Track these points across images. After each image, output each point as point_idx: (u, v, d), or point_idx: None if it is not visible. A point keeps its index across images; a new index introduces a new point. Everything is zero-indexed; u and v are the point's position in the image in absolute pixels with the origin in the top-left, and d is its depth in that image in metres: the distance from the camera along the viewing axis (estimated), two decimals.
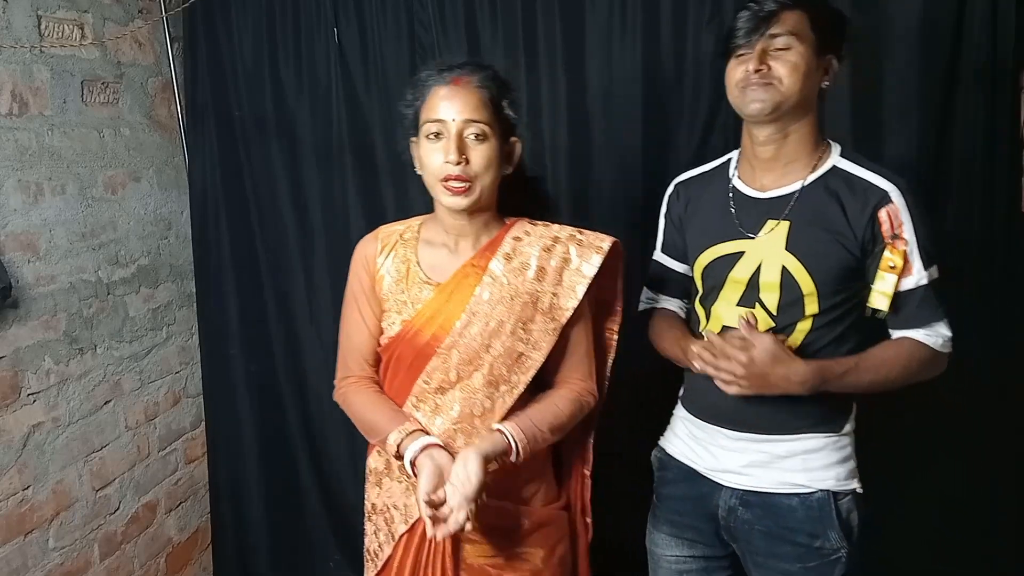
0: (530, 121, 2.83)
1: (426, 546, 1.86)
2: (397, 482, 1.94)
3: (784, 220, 1.80)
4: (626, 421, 2.33)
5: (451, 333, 1.84)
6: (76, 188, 2.69)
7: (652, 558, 2.10)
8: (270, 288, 3.23)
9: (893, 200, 1.74)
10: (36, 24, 2.53)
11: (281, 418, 3.31)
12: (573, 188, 2.83)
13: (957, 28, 2.44)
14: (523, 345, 1.85)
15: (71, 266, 2.67)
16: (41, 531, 2.58)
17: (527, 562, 1.91)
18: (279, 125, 3.11)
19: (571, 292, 1.86)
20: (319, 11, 2.98)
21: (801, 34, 1.73)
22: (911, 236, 1.73)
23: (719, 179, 1.98)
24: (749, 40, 1.75)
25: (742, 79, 1.77)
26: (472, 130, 1.78)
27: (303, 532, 3.36)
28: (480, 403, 1.84)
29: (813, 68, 1.75)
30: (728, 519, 1.91)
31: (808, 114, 1.81)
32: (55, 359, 2.62)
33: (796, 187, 1.82)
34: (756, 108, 1.76)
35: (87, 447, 2.76)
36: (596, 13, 2.72)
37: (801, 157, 1.83)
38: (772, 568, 1.87)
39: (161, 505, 3.14)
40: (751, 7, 1.76)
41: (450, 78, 1.81)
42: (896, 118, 2.52)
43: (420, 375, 1.86)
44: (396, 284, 1.91)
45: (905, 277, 1.74)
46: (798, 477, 1.83)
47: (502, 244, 1.88)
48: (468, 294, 1.85)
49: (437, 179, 1.80)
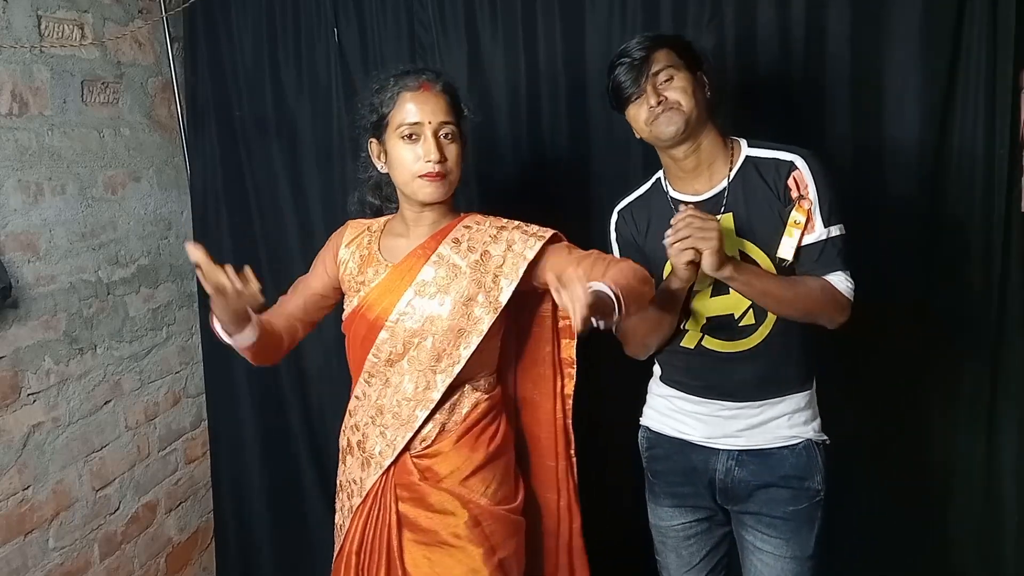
0: (530, 122, 2.84)
1: (374, 518, 2.06)
2: (354, 458, 2.13)
3: (726, 212, 2.03)
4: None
5: (397, 307, 2.01)
6: (76, 188, 2.69)
7: (658, 532, 2.29)
8: (271, 288, 3.14)
9: (798, 167, 1.98)
10: (36, 24, 2.53)
11: (283, 417, 3.31)
12: (573, 189, 2.82)
13: (957, 29, 2.44)
14: (465, 321, 2.00)
15: (71, 266, 2.68)
16: (41, 531, 2.58)
17: (462, 558, 2.00)
18: (279, 125, 3.11)
19: (512, 272, 2.00)
20: (319, 11, 2.98)
21: (675, 64, 2.00)
22: (814, 197, 1.96)
23: (656, 196, 2.18)
24: (638, 85, 1.99)
25: (648, 116, 2.00)
26: (445, 130, 1.99)
27: (305, 531, 3.35)
28: (424, 374, 2.01)
29: (695, 85, 2.00)
30: (726, 479, 2.12)
31: (708, 122, 2.05)
32: (55, 359, 2.62)
33: (724, 182, 2.05)
34: (671, 131, 1.98)
35: (87, 447, 2.76)
36: (596, 13, 2.72)
37: (717, 157, 2.07)
38: (766, 513, 2.10)
39: (161, 505, 3.14)
40: (624, 61, 2.01)
41: (418, 83, 2.00)
42: (896, 118, 2.53)
43: (371, 349, 2.04)
44: (357, 267, 2.11)
45: (809, 233, 1.96)
46: (786, 432, 2.08)
47: (453, 231, 2.06)
48: (416, 273, 2.03)
49: (415, 175, 1.98)
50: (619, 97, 2.04)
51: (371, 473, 2.07)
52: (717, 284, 2.02)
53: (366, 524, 2.07)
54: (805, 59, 2.57)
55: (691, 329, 2.10)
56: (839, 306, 1.97)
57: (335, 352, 2.31)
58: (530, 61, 2.80)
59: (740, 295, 1.99)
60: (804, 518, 2.08)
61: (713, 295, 2.05)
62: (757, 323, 2.03)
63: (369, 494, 2.07)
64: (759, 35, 2.59)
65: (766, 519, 2.10)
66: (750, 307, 2.02)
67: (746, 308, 2.02)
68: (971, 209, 2.50)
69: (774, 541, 2.10)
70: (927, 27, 2.45)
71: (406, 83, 2.00)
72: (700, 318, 2.08)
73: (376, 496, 2.07)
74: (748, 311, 2.02)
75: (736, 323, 2.04)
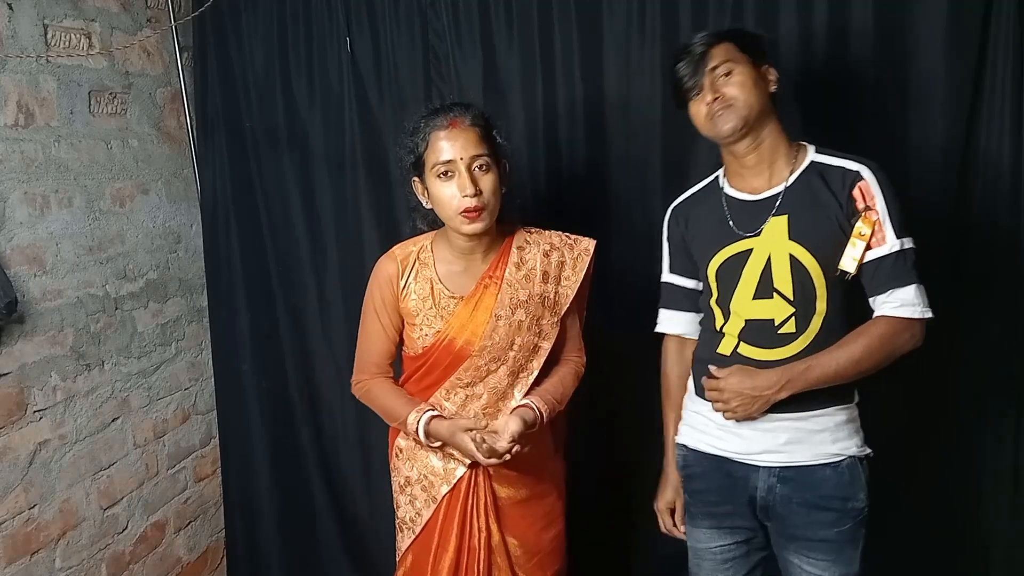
0: (546, 132, 2.81)
1: (471, 495, 2.24)
2: (430, 453, 2.27)
3: (781, 215, 2.02)
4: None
5: (482, 337, 2.17)
6: (83, 200, 2.66)
7: (695, 554, 2.26)
8: (282, 302, 3.20)
9: (865, 177, 1.97)
10: (43, 33, 2.50)
11: (294, 433, 3.28)
12: (590, 199, 2.79)
13: (983, 35, 2.41)
14: (537, 338, 2.23)
15: (78, 280, 2.64)
16: (47, 551, 2.55)
17: (545, 501, 2.34)
18: (291, 136, 3.08)
19: (567, 290, 2.25)
20: (331, 19, 2.95)
21: (735, 58, 2.00)
22: (882, 208, 1.94)
23: (711, 194, 2.19)
24: (696, 81, 2.01)
25: (706, 112, 2.01)
26: (478, 163, 2.08)
27: (316, 548, 3.33)
28: (503, 390, 2.22)
29: (756, 79, 2.00)
30: (767, 497, 2.07)
31: (771, 118, 2.04)
32: (62, 375, 2.58)
33: (783, 185, 2.04)
34: (728, 128, 1.99)
35: (94, 465, 2.73)
36: (614, 21, 2.69)
37: (780, 156, 2.06)
38: (810, 537, 2.05)
39: (170, 524, 3.10)
40: (683, 56, 2.03)
41: (448, 121, 2.09)
42: (920, 126, 2.50)
43: (454, 373, 2.21)
44: (423, 301, 2.21)
45: (877, 245, 1.94)
46: (829, 448, 2.03)
47: (510, 255, 2.22)
48: (491, 302, 2.18)
49: (456, 212, 2.07)
50: (679, 94, 2.06)
51: (459, 463, 2.24)
52: (761, 286, 2.02)
53: (465, 503, 2.25)
54: (827, 65, 2.54)
55: (728, 333, 2.08)
56: (910, 333, 1.96)
57: (346, 369, 2.33)
58: (547, 70, 2.77)
59: (784, 301, 2.00)
60: (848, 538, 2.05)
61: (756, 297, 2.03)
62: (798, 332, 2.00)
63: (462, 479, 2.24)
64: (781, 41, 2.55)
65: (809, 543, 2.07)
66: (792, 315, 2.00)
67: (788, 316, 2.00)
68: (997, 218, 2.47)
69: (820, 563, 2.06)
70: (952, 34, 2.42)
71: (436, 123, 2.10)
72: (739, 320, 2.06)
73: (469, 481, 2.24)
74: (790, 319, 2.00)
75: (775, 329, 2.01)
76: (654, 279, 2.32)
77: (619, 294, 2.70)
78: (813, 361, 1.96)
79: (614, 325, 2.63)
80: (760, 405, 1.98)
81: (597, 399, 2.65)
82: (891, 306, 1.95)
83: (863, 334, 1.96)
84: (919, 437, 2.62)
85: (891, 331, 1.95)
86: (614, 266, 2.69)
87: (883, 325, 1.96)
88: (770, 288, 2.00)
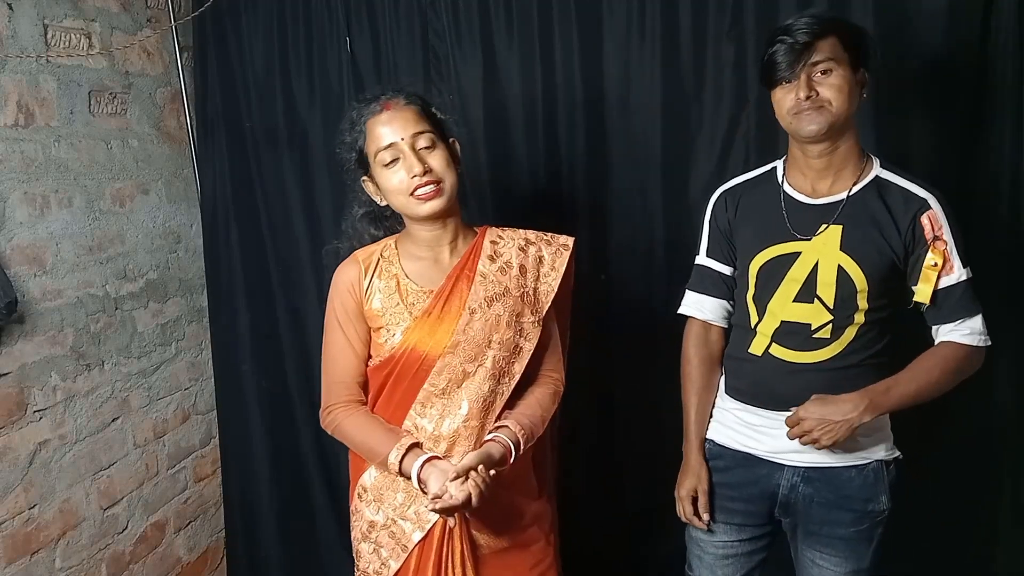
0: (546, 132, 2.81)
1: (446, 543, 1.97)
2: (402, 492, 2.03)
3: (836, 224, 1.99)
4: None
5: (455, 332, 1.97)
6: (83, 201, 2.65)
7: (696, 544, 2.26)
8: (282, 302, 3.20)
9: (932, 207, 1.95)
10: (42, 33, 2.49)
11: (294, 433, 3.27)
12: (591, 199, 2.79)
13: (984, 32, 2.42)
14: (518, 337, 2.03)
15: (78, 280, 2.63)
16: (47, 551, 2.54)
17: (530, 551, 2.10)
18: (291, 136, 3.07)
19: (547, 287, 2.07)
20: (331, 20, 2.94)
21: (838, 57, 1.91)
22: (950, 238, 1.93)
23: (766, 185, 2.14)
24: (793, 71, 1.91)
25: (793, 106, 1.93)
26: (422, 141, 1.95)
27: (316, 548, 3.32)
28: (485, 396, 1.98)
29: (853, 85, 1.93)
30: (790, 495, 2.09)
31: (852, 126, 1.99)
32: (62, 375, 2.58)
33: (844, 194, 2.01)
34: (812, 130, 1.92)
35: (94, 465, 2.72)
36: (614, 22, 2.68)
37: (848, 166, 2.01)
38: (826, 534, 2.08)
39: (170, 524, 3.10)
40: (785, 40, 1.91)
41: (380, 106, 1.98)
42: (919, 133, 2.50)
43: (425, 381, 1.99)
44: (389, 298, 2.02)
45: (946, 275, 1.94)
46: (858, 451, 2.03)
47: (483, 247, 2.06)
48: (465, 294, 2.00)
49: (407, 194, 1.94)
50: (770, 76, 1.97)
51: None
52: (803, 290, 2.01)
53: (439, 554, 1.98)
54: None
55: (762, 332, 2.07)
56: (975, 362, 1.99)
57: None
58: (547, 70, 2.77)
59: (824, 308, 1.99)
60: (864, 536, 2.07)
61: (796, 300, 2.02)
62: (832, 339, 2.01)
63: (436, 524, 1.98)
64: None
65: (825, 539, 2.09)
66: (829, 323, 2.00)
67: (825, 322, 2.00)
68: (997, 218, 2.48)
69: (833, 559, 2.09)
70: (953, 34, 2.43)
71: (370, 110, 2.00)
72: (775, 320, 2.05)
73: (444, 526, 1.97)
74: (827, 325, 2.00)
75: (810, 334, 2.02)
76: (654, 279, 2.32)
77: (619, 294, 2.69)
78: (892, 382, 1.96)
79: (614, 325, 2.63)
80: (847, 430, 1.92)
81: (595, 394, 2.65)
82: (960, 334, 1.97)
83: (938, 357, 1.97)
84: (919, 437, 2.60)
85: (964, 357, 1.97)
86: (613, 266, 2.68)
87: (956, 351, 1.97)
88: (812, 293, 1.99)
